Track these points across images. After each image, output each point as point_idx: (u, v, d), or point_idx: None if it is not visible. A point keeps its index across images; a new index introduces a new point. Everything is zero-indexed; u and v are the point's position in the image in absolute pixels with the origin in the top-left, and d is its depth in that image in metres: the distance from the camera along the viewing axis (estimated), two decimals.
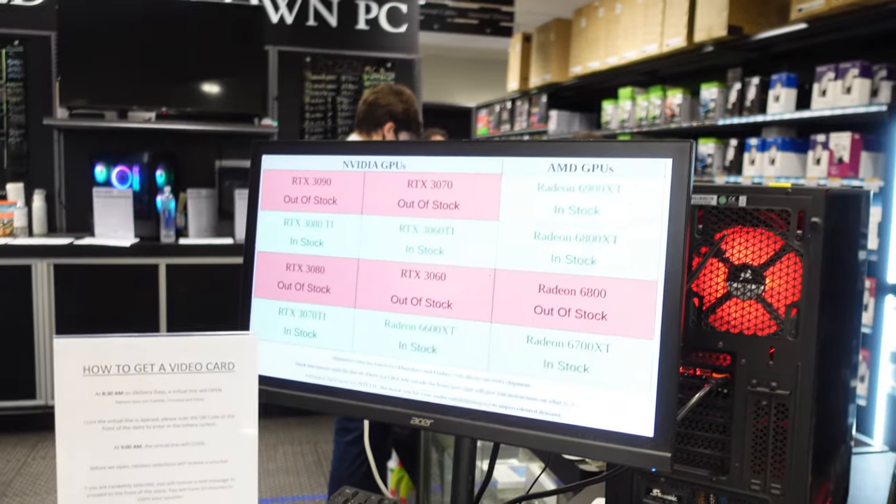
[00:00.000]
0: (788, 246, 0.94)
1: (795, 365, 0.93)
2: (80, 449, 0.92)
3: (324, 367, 1.04)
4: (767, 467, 0.96)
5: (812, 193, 0.93)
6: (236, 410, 0.94)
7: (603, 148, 0.90)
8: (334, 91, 5.55)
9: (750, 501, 0.98)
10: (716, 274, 0.98)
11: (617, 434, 0.87)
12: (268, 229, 1.10)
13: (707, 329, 0.99)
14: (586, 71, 6.57)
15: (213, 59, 5.06)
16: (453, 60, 12.08)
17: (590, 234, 0.89)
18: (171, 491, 0.94)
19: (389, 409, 1.00)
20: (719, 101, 4.94)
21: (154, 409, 0.93)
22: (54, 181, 5.07)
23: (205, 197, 4.96)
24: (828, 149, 4.03)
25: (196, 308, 4.64)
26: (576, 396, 0.89)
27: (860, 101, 3.84)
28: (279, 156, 1.10)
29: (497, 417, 0.93)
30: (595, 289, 0.89)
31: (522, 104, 8.40)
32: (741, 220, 0.97)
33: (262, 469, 4.08)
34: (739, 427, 0.97)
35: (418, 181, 0.99)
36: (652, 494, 1.04)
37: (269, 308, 1.09)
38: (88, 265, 4.54)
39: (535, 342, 0.91)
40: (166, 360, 0.93)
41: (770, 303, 0.95)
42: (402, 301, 1.00)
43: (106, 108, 4.92)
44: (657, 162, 0.86)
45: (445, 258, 0.97)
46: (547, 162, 0.92)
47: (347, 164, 1.04)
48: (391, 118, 2.97)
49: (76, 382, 0.93)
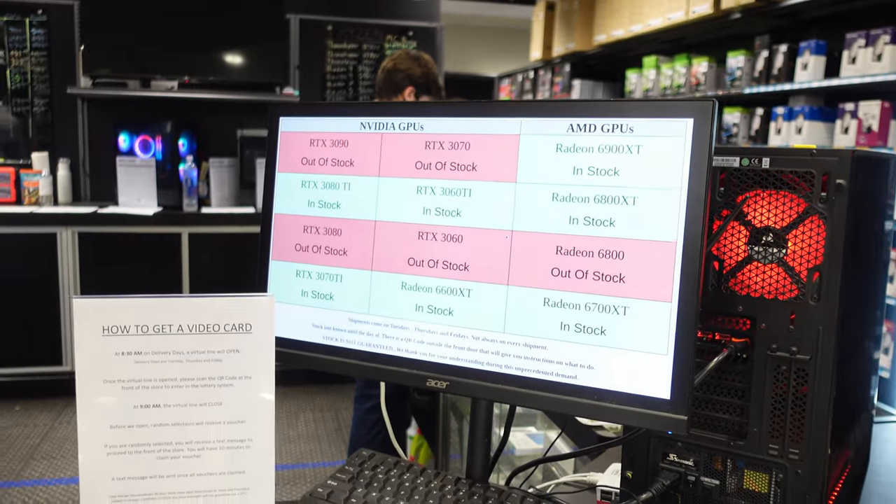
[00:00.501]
0: (812, 209, 0.92)
1: (816, 329, 0.92)
2: (99, 408, 0.93)
3: (340, 329, 1.04)
4: (786, 433, 0.95)
5: (838, 155, 0.91)
6: (254, 372, 0.95)
7: (623, 107, 0.88)
8: (356, 60, 5.53)
9: (767, 466, 0.97)
10: (737, 237, 0.97)
11: (633, 396, 0.86)
12: (285, 191, 1.09)
13: (727, 293, 0.97)
14: (610, 39, 6.47)
15: (235, 28, 5.05)
16: (476, 29, 11.96)
17: (608, 196, 0.88)
18: (189, 450, 0.95)
19: (405, 371, 1.00)
20: (746, 70, 4.86)
21: (172, 370, 0.94)
22: (78, 150, 5.11)
23: (227, 166, 4.98)
24: (856, 118, 3.95)
25: (218, 277, 4.68)
26: (592, 359, 0.89)
27: (891, 68, 3.75)
28: (297, 118, 1.09)
29: (513, 380, 0.93)
30: (613, 250, 0.88)
31: (545, 73, 8.31)
32: (764, 183, 0.95)
33: (283, 436, 4.13)
34: (758, 392, 0.96)
35: (436, 143, 0.99)
36: (668, 459, 1.03)
37: (287, 270, 1.09)
38: (112, 233, 4.59)
39: (551, 304, 0.91)
40: (184, 321, 0.93)
41: (792, 266, 0.94)
42: (419, 263, 0.99)
43: (129, 78, 4.93)
44: (678, 122, 0.85)
45: (462, 220, 0.96)
46: (566, 122, 0.91)
47: (364, 126, 1.04)
48: (411, 82, 2.95)
49: (96, 342, 0.93)
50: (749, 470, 0.99)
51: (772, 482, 0.97)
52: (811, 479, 0.94)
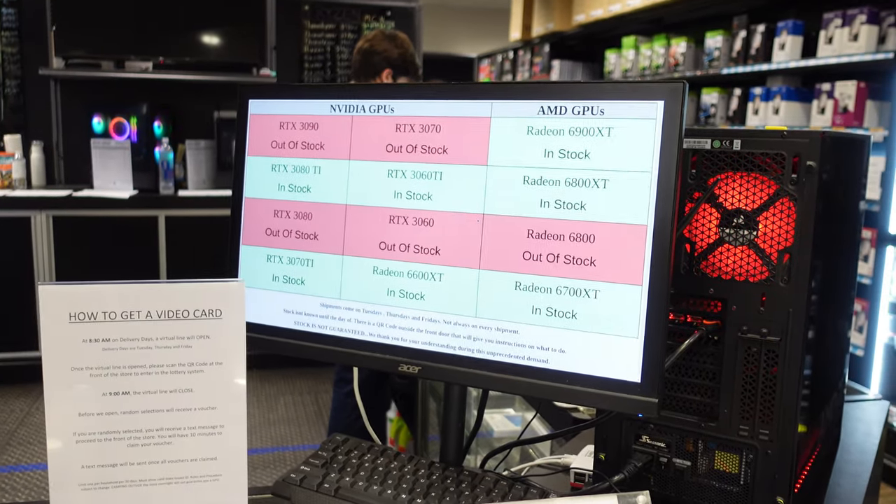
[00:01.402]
0: (782, 190, 0.92)
1: (787, 311, 0.92)
2: (67, 396, 0.92)
3: (312, 314, 1.04)
4: (756, 414, 0.96)
5: (808, 136, 0.91)
6: (224, 357, 0.94)
7: (593, 90, 0.88)
8: (333, 40, 5.47)
9: (738, 447, 0.98)
10: (708, 220, 0.97)
11: (604, 380, 0.86)
12: (255, 175, 1.08)
13: (698, 275, 0.97)
14: (590, 19, 6.46)
15: (211, 9, 4.98)
16: (455, 10, 11.89)
17: (579, 179, 0.88)
18: (159, 437, 0.94)
19: (378, 356, 0.99)
20: (724, 50, 4.86)
21: (141, 356, 0.92)
22: (52, 133, 5.03)
23: (203, 148, 4.93)
24: (833, 98, 3.97)
25: (196, 260, 4.64)
26: (564, 342, 0.89)
27: (867, 48, 3.77)
28: (266, 101, 1.08)
29: (485, 364, 0.93)
30: (584, 234, 0.87)
31: (525, 54, 8.29)
32: (735, 165, 0.95)
33: (263, 419, 4.13)
34: (729, 374, 0.97)
35: (406, 125, 0.98)
36: (641, 441, 1.04)
37: (257, 255, 1.08)
38: (87, 217, 4.53)
39: (523, 288, 0.90)
40: (153, 307, 0.92)
41: (762, 248, 0.94)
42: (390, 247, 0.99)
43: (102, 59, 4.86)
44: (648, 104, 0.84)
45: (433, 203, 0.96)
46: (536, 105, 0.90)
47: (335, 109, 1.02)
48: (388, 64, 2.92)
49: (62, 329, 0.92)
50: (720, 451, 0.99)
51: (742, 463, 0.98)
52: (780, 459, 0.95)
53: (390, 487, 0.99)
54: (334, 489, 1.00)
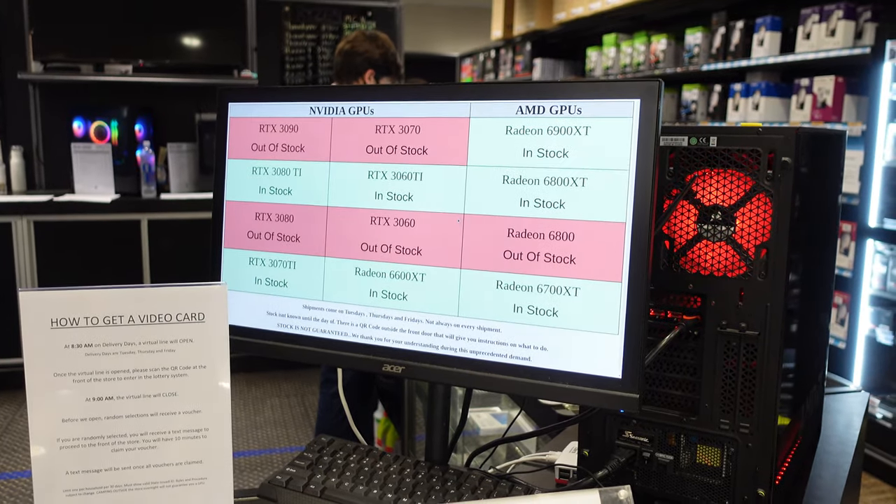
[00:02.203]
0: (759, 186, 0.93)
1: (765, 306, 0.93)
2: (50, 402, 0.92)
3: (295, 316, 1.04)
4: (736, 407, 0.97)
5: (783, 133, 0.92)
6: (208, 361, 0.94)
7: (570, 89, 0.88)
8: (314, 41, 5.47)
9: (719, 441, 0.99)
10: (686, 216, 0.98)
11: (586, 376, 0.87)
12: (236, 178, 1.08)
13: (678, 271, 0.98)
14: (570, 17, 6.48)
15: (191, 10, 4.96)
16: (436, 9, 11.89)
17: (558, 177, 0.88)
18: (144, 441, 0.94)
19: (361, 357, 1.00)
20: (703, 47, 4.90)
21: (124, 361, 0.92)
22: (32, 137, 5.00)
23: (185, 151, 4.91)
24: (811, 93, 4.01)
25: (179, 263, 4.62)
26: (545, 340, 0.89)
27: (844, 43, 3.81)
28: (246, 103, 1.08)
29: (468, 363, 0.93)
30: (563, 232, 0.88)
31: (507, 53, 8.30)
32: (712, 161, 0.96)
33: (250, 422, 4.12)
34: (710, 368, 0.98)
35: (386, 126, 0.98)
36: (624, 436, 1.05)
37: (240, 258, 1.08)
38: (69, 222, 4.50)
39: (504, 287, 0.91)
40: (135, 312, 0.92)
41: (740, 244, 0.95)
42: (372, 248, 0.99)
43: (81, 62, 4.83)
44: (625, 102, 0.85)
45: (414, 204, 0.96)
46: (514, 105, 0.91)
47: (314, 111, 1.03)
48: (370, 65, 2.93)
49: (44, 335, 0.92)
50: (702, 445, 1.01)
51: (724, 456, 0.99)
52: (761, 452, 0.96)
53: (376, 487, 0.99)
54: (320, 490, 1.00)
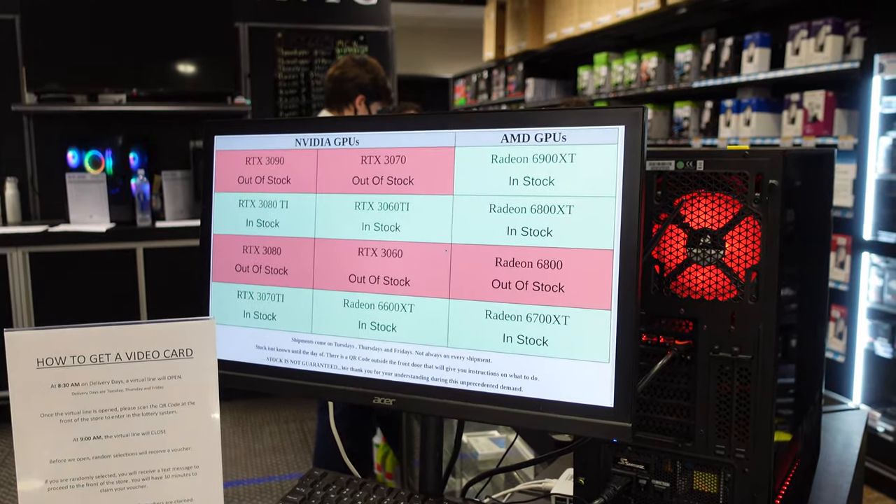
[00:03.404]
0: (747, 209, 0.93)
1: (757, 329, 0.93)
2: (37, 443, 0.91)
3: (284, 350, 1.03)
4: (732, 432, 0.96)
5: (769, 155, 0.91)
6: (197, 397, 0.93)
7: (555, 117, 0.88)
8: (307, 66, 5.49)
9: (716, 466, 0.98)
10: (676, 240, 0.97)
11: (577, 406, 0.86)
12: (223, 212, 1.08)
13: (669, 296, 0.98)
14: (561, 37, 6.52)
15: (183, 39, 4.98)
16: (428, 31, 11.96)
17: (545, 205, 0.88)
18: (133, 481, 0.93)
19: (351, 390, 0.99)
20: (694, 64, 4.92)
21: (112, 399, 0.91)
22: (26, 168, 5.00)
23: (180, 178, 4.90)
24: (802, 108, 4.02)
25: (176, 291, 4.60)
26: (536, 370, 0.88)
27: (833, 58, 3.83)
28: (232, 136, 1.08)
29: (459, 394, 0.92)
30: (551, 260, 0.87)
31: (499, 73, 8.35)
32: (700, 185, 0.95)
33: (249, 449, 4.09)
34: (703, 393, 0.97)
35: (372, 157, 0.98)
36: (620, 463, 1.04)
37: (228, 291, 1.07)
38: (64, 252, 4.49)
39: (493, 316, 0.90)
40: (122, 349, 0.91)
41: (730, 267, 0.94)
42: (360, 280, 0.98)
43: (75, 92, 4.84)
44: (609, 129, 0.85)
45: (401, 234, 0.96)
46: (499, 133, 0.90)
47: (300, 143, 1.02)
48: (360, 90, 2.94)
49: (30, 375, 0.91)
50: (698, 471, 0.99)
51: (721, 482, 0.98)
52: (757, 477, 0.95)
53: None
54: None
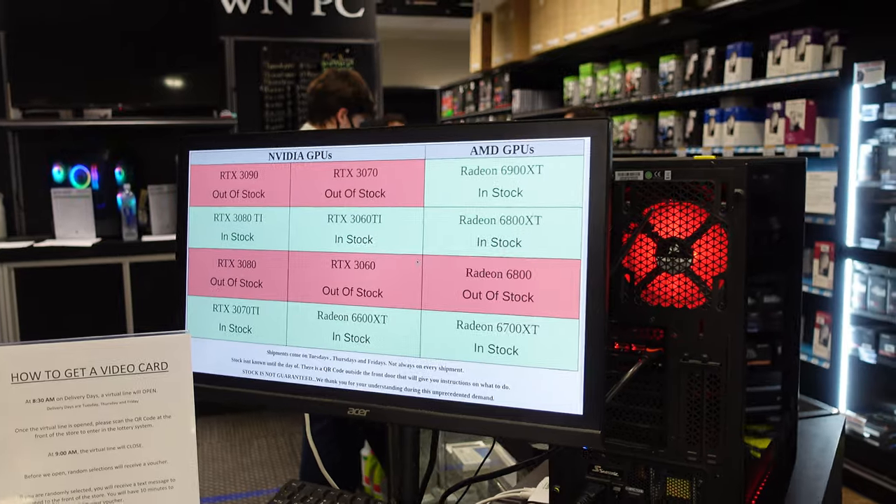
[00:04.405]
0: (713, 218, 0.94)
1: (725, 336, 0.94)
2: (13, 458, 0.91)
3: (259, 362, 1.04)
4: (703, 439, 0.97)
5: (734, 165, 0.93)
6: (172, 410, 0.93)
7: (522, 129, 0.89)
8: (293, 79, 5.51)
9: (688, 473, 0.99)
10: (645, 249, 0.99)
11: (547, 414, 0.87)
12: (198, 226, 1.09)
13: (639, 304, 0.99)
14: (547, 48, 6.56)
15: (169, 53, 4.99)
16: (415, 43, 12.01)
17: (513, 216, 0.89)
18: (109, 495, 0.93)
19: (326, 401, 0.99)
20: (677, 74, 4.96)
21: (87, 414, 0.92)
22: (11, 183, 4.99)
23: (166, 192, 4.90)
24: (784, 116, 4.06)
25: (162, 305, 4.57)
26: (507, 379, 0.89)
27: (813, 67, 3.87)
28: (206, 151, 1.08)
29: (432, 404, 0.93)
30: (521, 270, 0.89)
31: (486, 84, 8.39)
32: (668, 195, 0.97)
33: (237, 463, 4.08)
34: (674, 400, 0.98)
35: (344, 170, 0.99)
36: (594, 471, 1.05)
37: (204, 305, 1.08)
38: (50, 267, 4.48)
39: (464, 327, 0.91)
40: (97, 364, 0.92)
41: (698, 275, 0.96)
42: (334, 292, 0.99)
43: (60, 107, 4.84)
44: (576, 141, 0.86)
45: (374, 246, 0.97)
46: (469, 146, 0.92)
47: (273, 157, 1.03)
48: (343, 103, 2.96)
49: (4, 391, 0.91)
50: (671, 477, 1.00)
51: (693, 488, 0.99)
52: (728, 483, 0.96)
53: None
54: None
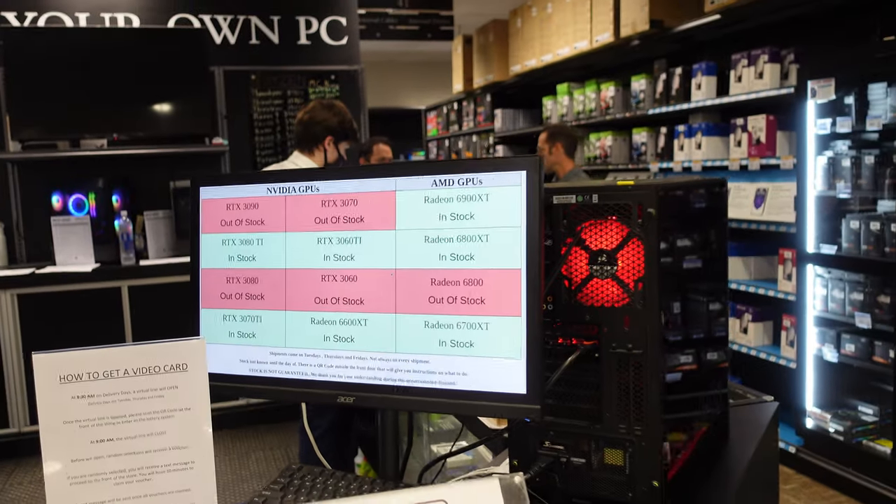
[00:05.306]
0: (632, 233, 1.15)
1: (645, 329, 1.15)
2: (61, 445, 1.08)
3: (263, 362, 1.24)
4: (630, 414, 1.17)
5: (647, 189, 1.14)
6: (192, 403, 1.12)
7: (473, 165, 1.11)
8: (281, 106, 5.73)
9: (621, 443, 1.19)
10: (580, 259, 1.20)
11: (499, 394, 1.08)
12: (209, 249, 1.29)
13: (576, 305, 1.20)
14: (525, 69, 6.81)
15: (161, 84, 5.20)
16: (400, 64, 12.27)
17: (467, 235, 1.10)
18: (140, 475, 1.11)
19: (319, 392, 1.20)
20: (648, 92, 5.21)
21: (122, 407, 1.10)
22: (11, 213, 5.17)
23: (162, 218, 5.10)
24: (746, 131, 4.30)
25: (160, 326, 4.77)
26: (465, 367, 1.10)
27: (772, 84, 4.11)
28: (214, 187, 1.29)
29: (405, 390, 1.14)
30: (474, 279, 1.10)
31: (468, 104, 8.63)
32: (596, 214, 1.18)
33: (236, 476, 4.25)
34: (607, 383, 1.18)
35: (330, 201, 1.20)
36: (545, 446, 1.25)
37: (215, 316, 1.29)
38: (52, 293, 4.67)
39: (430, 326, 1.12)
40: (129, 366, 1.10)
41: (622, 279, 1.17)
42: (324, 301, 1.20)
43: (57, 139, 5.04)
44: (514, 174, 1.07)
45: (356, 263, 1.18)
46: (430, 179, 1.13)
47: (271, 191, 1.24)
48: (329, 132, 3.18)
49: (54, 390, 1.09)
50: (608, 448, 1.21)
51: (625, 456, 1.19)
52: (652, 450, 1.16)
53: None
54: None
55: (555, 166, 4.54)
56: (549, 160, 4.51)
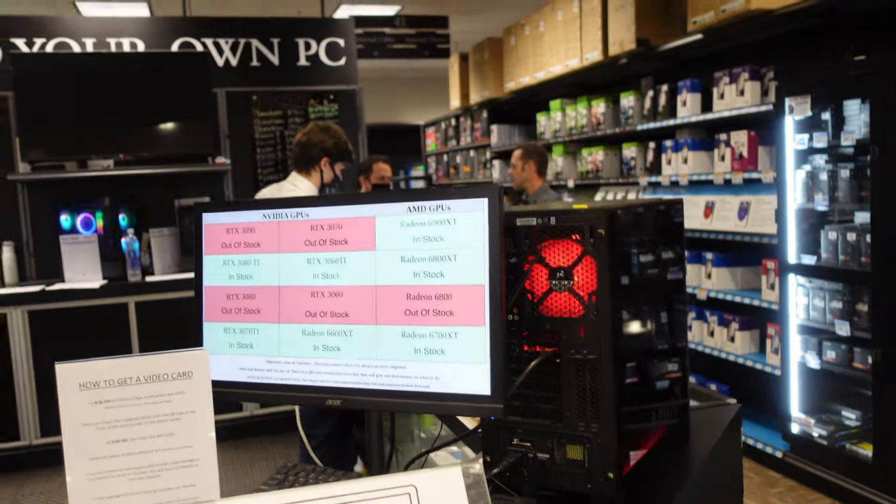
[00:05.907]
0: (586, 251, 1.29)
1: (599, 337, 1.29)
2: (81, 445, 1.21)
3: (260, 369, 1.39)
4: (588, 413, 1.31)
5: (599, 212, 1.29)
6: (196, 407, 1.25)
7: (442, 193, 1.26)
8: (282, 125, 5.89)
9: (580, 439, 1.33)
10: (540, 275, 1.34)
11: (466, 395, 1.22)
12: (211, 269, 1.44)
13: (538, 316, 1.34)
14: (519, 86, 6.97)
15: (165, 105, 5.36)
16: (399, 81, 12.45)
17: (438, 255, 1.25)
18: (151, 471, 1.23)
19: (310, 395, 1.34)
20: (636, 108, 5.36)
21: (134, 411, 1.23)
22: (21, 232, 5.33)
23: (167, 235, 5.26)
24: (730, 146, 4.45)
25: (165, 339, 4.89)
26: (437, 372, 1.25)
27: (753, 101, 4.26)
28: (215, 213, 1.44)
29: (385, 393, 1.28)
30: (445, 294, 1.24)
31: (465, 120, 8.79)
32: (554, 234, 1.32)
33: (240, 485, 4.38)
34: (567, 385, 1.32)
35: (318, 225, 1.35)
36: (513, 443, 1.39)
37: (217, 329, 1.43)
38: (61, 309, 4.81)
39: (406, 336, 1.27)
40: (141, 374, 1.23)
41: (578, 293, 1.31)
42: (313, 315, 1.35)
43: (65, 160, 5.20)
44: (478, 201, 1.22)
45: (341, 280, 1.32)
46: (405, 205, 1.28)
47: (266, 216, 1.39)
48: (325, 153, 3.35)
49: (74, 396, 1.22)
50: (569, 444, 1.34)
51: (585, 451, 1.33)
52: (608, 445, 1.30)
53: None
54: None
55: (525, 183, 4.80)
56: (521, 176, 4.78)
